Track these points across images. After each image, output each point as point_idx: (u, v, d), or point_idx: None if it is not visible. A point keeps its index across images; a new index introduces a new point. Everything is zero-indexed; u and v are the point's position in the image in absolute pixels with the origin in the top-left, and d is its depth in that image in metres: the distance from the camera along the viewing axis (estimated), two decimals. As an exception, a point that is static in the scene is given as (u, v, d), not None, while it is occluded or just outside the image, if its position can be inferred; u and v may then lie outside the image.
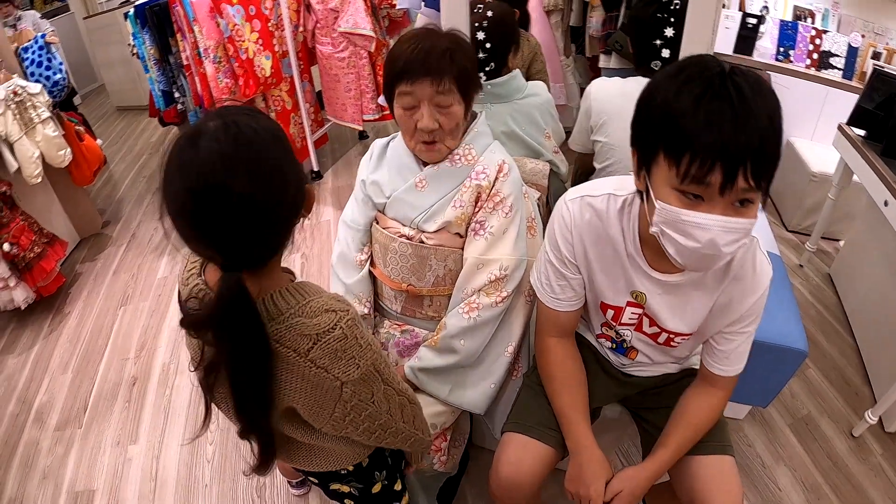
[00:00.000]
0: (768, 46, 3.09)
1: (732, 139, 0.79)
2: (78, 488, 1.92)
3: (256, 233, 0.73)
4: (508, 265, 1.28)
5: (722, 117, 0.80)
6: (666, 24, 1.55)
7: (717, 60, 0.85)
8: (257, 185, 0.70)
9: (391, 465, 1.18)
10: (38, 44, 2.84)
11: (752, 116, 0.79)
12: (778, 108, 0.82)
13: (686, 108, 0.82)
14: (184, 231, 0.73)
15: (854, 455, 1.90)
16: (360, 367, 0.83)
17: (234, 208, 0.69)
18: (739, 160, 0.80)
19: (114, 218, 3.53)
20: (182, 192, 0.69)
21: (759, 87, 0.81)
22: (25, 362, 2.49)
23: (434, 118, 1.20)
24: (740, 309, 1.06)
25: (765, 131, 0.80)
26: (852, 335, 2.39)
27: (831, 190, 2.56)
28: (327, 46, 3.21)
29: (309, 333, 0.78)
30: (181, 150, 0.70)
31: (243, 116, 0.74)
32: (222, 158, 0.69)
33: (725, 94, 0.80)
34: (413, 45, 1.18)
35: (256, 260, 0.79)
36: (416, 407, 1.04)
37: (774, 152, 0.82)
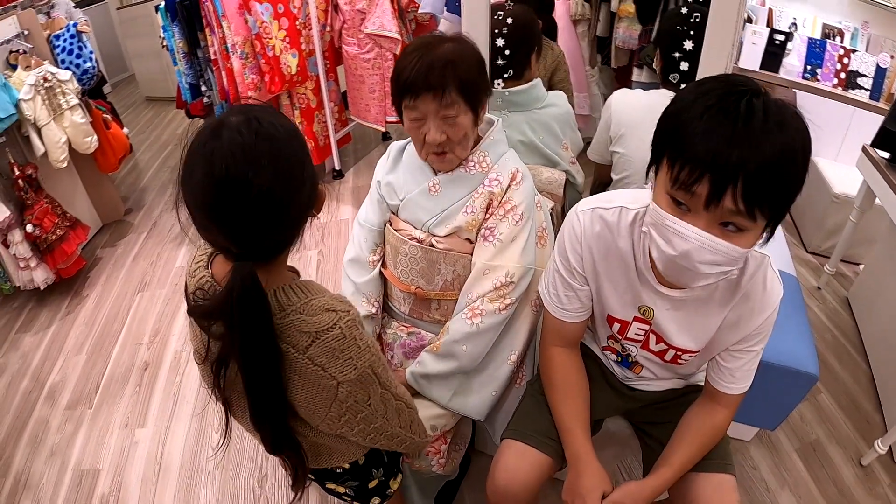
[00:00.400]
0: (795, 64, 3.05)
1: (724, 153, 0.79)
2: (84, 467, 1.96)
3: (271, 226, 0.75)
4: (515, 273, 1.28)
5: (721, 130, 0.79)
6: (685, 37, 1.54)
7: (751, 83, 0.83)
8: (277, 180, 0.72)
9: (387, 462, 1.19)
10: (70, 32, 2.90)
11: (755, 139, 0.78)
12: (798, 144, 0.79)
13: (693, 116, 0.82)
14: (201, 220, 0.75)
15: (861, 484, 1.86)
16: (358, 368, 0.84)
17: (253, 200, 0.71)
18: (729, 177, 0.79)
19: (136, 206, 3.60)
20: (203, 182, 0.71)
21: (782, 117, 0.79)
22: (41, 341, 2.54)
23: (441, 131, 1.20)
24: (749, 327, 1.05)
25: (769, 159, 0.77)
26: (867, 361, 2.34)
27: (853, 212, 2.51)
28: (353, 47, 3.24)
29: (308, 331, 0.79)
30: (204, 141, 0.72)
31: (265, 113, 0.76)
32: (244, 151, 0.70)
33: (735, 110, 0.79)
34: (415, 59, 1.17)
35: (268, 253, 0.81)
36: (414, 411, 1.05)
37: (779, 184, 0.79)
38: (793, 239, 3.17)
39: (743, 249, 0.86)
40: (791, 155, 0.78)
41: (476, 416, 1.36)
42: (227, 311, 0.75)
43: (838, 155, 3.15)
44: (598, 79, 3.15)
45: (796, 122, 0.80)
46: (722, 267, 0.88)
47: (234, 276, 0.74)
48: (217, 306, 0.77)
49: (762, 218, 0.82)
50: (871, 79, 2.99)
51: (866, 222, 2.55)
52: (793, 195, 0.82)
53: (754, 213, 0.81)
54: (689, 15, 1.55)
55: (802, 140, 0.80)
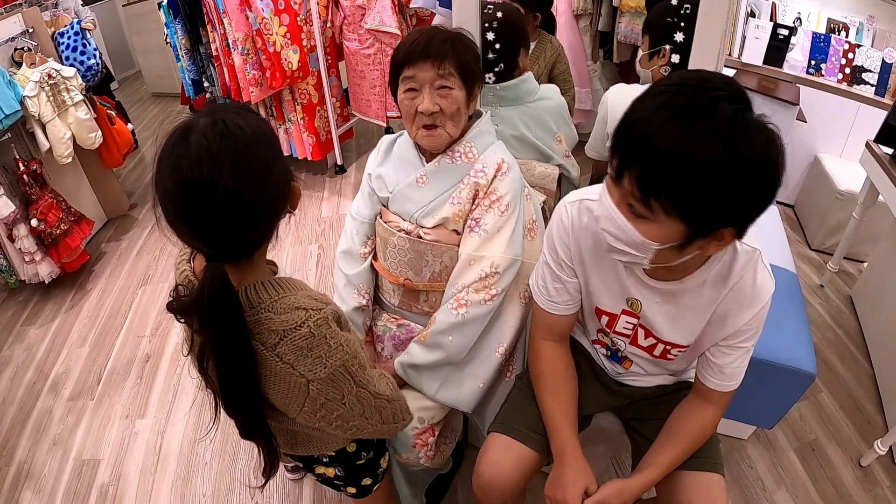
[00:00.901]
0: (799, 59, 3.02)
1: (629, 132, 0.81)
2: (85, 457, 1.98)
3: (240, 225, 0.76)
4: (500, 263, 1.28)
5: (642, 111, 0.80)
6: (676, 29, 1.53)
7: (722, 82, 0.81)
8: (242, 180, 0.73)
9: (376, 445, 1.20)
10: (74, 29, 2.93)
11: (675, 130, 0.77)
12: (750, 162, 0.77)
13: (649, 95, 0.83)
14: (172, 222, 0.76)
15: (860, 485, 1.85)
16: (328, 367, 0.84)
17: (220, 202, 0.72)
18: (630, 158, 0.81)
19: (141, 201, 3.63)
20: (171, 186, 0.73)
21: (736, 125, 0.76)
22: (46, 334, 2.58)
23: (434, 101, 1.23)
24: (738, 322, 1.03)
25: (678, 154, 0.77)
26: (869, 361, 2.32)
27: (856, 209, 2.49)
28: (354, 42, 3.25)
29: (276, 329, 0.80)
30: (172, 145, 0.74)
31: (232, 115, 0.77)
32: (209, 154, 0.72)
33: (672, 95, 0.79)
34: (416, 36, 1.24)
35: (240, 252, 0.82)
36: (397, 402, 1.04)
37: (684, 183, 0.78)
38: (796, 236, 3.15)
39: (642, 237, 0.86)
40: (727, 164, 0.76)
41: (464, 408, 1.37)
42: (199, 310, 0.77)
43: (843, 151, 3.12)
44: (601, 73, 3.14)
45: (764, 141, 0.78)
46: (625, 247, 0.90)
47: (205, 276, 0.76)
48: (190, 304, 0.79)
49: (663, 212, 0.82)
50: (877, 74, 2.96)
51: (870, 219, 2.52)
52: (715, 204, 0.79)
53: (649, 201, 0.81)
54: (680, 6, 1.54)
55: (759, 160, 0.77)
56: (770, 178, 0.79)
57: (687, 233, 0.84)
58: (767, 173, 0.79)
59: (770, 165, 0.78)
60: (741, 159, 0.76)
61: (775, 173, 0.80)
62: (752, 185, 0.79)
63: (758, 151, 0.77)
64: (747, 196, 0.80)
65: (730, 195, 0.78)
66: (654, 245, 0.87)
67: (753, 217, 0.84)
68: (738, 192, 0.78)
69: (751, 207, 0.82)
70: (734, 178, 0.77)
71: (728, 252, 0.99)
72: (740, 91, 0.81)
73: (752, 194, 0.80)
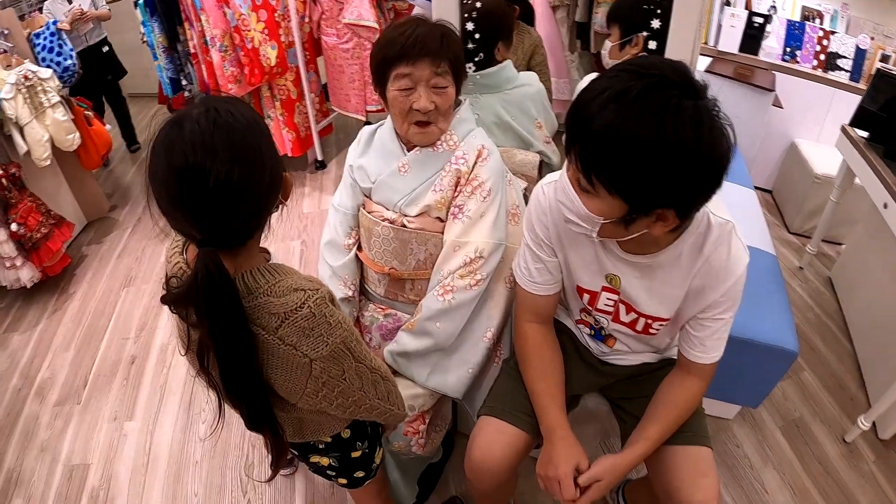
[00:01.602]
0: (774, 46, 3.07)
1: (574, 113, 0.86)
2: (74, 462, 1.96)
3: (233, 212, 0.77)
4: (484, 248, 1.29)
5: (587, 93, 0.85)
6: (653, 16, 1.55)
7: (670, 68, 0.84)
8: (234, 168, 0.73)
9: (371, 434, 1.21)
10: (50, 30, 2.89)
11: (610, 112, 0.81)
12: (687, 146, 0.80)
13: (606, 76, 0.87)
14: (166, 209, 0.77)
15: (845, 461, 1.89)
16: (329, 345, 0.85)
17: (213, 188, 0.72)
18: (573, 137, 0.87)
19: (121, 202, 3.59)
20: (165, 172, 0.73)
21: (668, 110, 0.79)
22: (30, 339, 2.54)
23: (431, 99, 1.23)
24: (715, 294, 1.06)
25: (615, 134, 0.81)
26: (850, 340, 2.37)
27: (833, 192, 2.54)
28: (332, 37, 3.24)
29: (277, 312, 0.81)
30: (167, 133, 0.75)
31: (225, 104, 0.78)
32: (203, 140, 0.72)
33: (615, 80, 0.83)
34: (408, 30, 1.21)
35: (233, 239, 0.82)
36: (390, 383, 1.06)
37: (618, 162, 0.83)
38: (775, 220, 3.20)
39: (587, 211, 0.92)
40: (655, 146, 0.79)
41: (454, 394, 1.38)
42: (194, 297, 0.77)
43: (819, 136, 3.17)
44: (578, 63, 3.15)
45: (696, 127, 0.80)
46: (575, 219, 0.96)
47: (198, 262, 0.76)
48: (184, 293, 0.79)
49: (603, 188, 0.86)
50: (851, 60, 3.02)
51: (847, 202, 2.57)
52: (647, 184, 0.83)
53: (591, 178, 0.87)
54: (656, -7, 1.56)
55: (689, 145, 0.80)
56: (704, 162, 0.82)
57: (626, 210, 0.89)
58: (700, 157, 0.81)
59: (701, 150, 0.81)
60: (669, 142, 0.79)
61: (710, 159, 0.82)
62: (683, 168, 0.81)
63: (688, 136, 0.79)
64: (679, 178, 0.83)
65: (661, 176, 0.82)
66: (599, 219, 0.92)
67: (693, 200, 0.88)
68: (668, 173, 0.82)
69: (686, 191, 0.85)
70: (664, 159, 0.80)
71: (702, 225, 1.02)
72: (685, 78, 0.83)
73: (684, 177, 0.83)
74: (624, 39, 1.66)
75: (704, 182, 0.85)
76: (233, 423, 2.01)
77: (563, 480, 1.09)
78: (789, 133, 3.23)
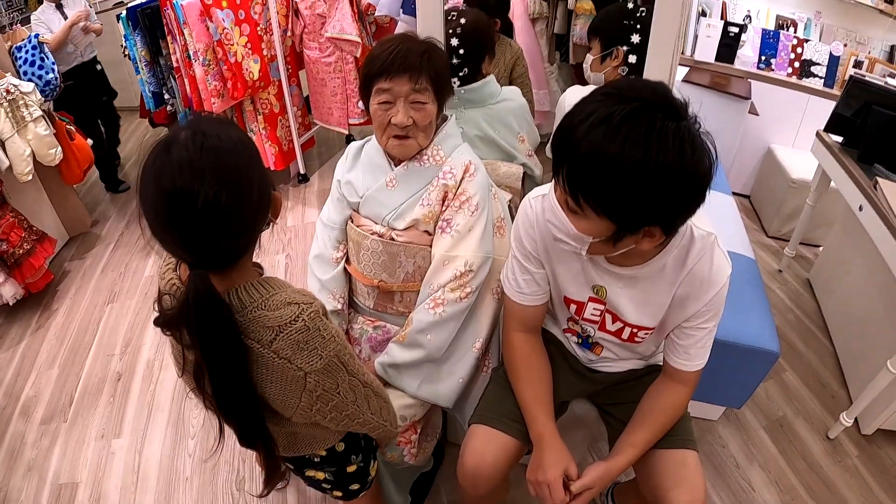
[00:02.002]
0: (750, 55, 3.14)
1: (561, 136, 0.89)
2: (62, 480, 1.94)
3: (221, 234, 0.78)
4: (473, 262, 1.31)
5: (573, 117, 0.88)
6: (633, 31, 1.59)
7: (652, 92, 0.86)
8: (221, 189, 0.74)
9: (365, 447, 1.22)
10: (32, 43, 2.87)
11: (596, 136, 0.83)
12: (677, 169, 0.82)
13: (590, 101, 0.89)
14: (156, 232, 0.78)
15: (829, 457, 1.93)
16: (323, 358, 0.86)
17: (200, 210, 0.73)
18: (561, 160, 0.90)
19: (102, 217, 3.55)
20: (154, 197, 0.75)
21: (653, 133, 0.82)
22: (13, 357, 2.51)
23: (408, 115, 1.26)
24: (699, 303, 1.09)
25: (602, 160, 0.83)
26: (830, 339, 2.42)
27: (809, 196, 2.60)
28: (314, 51, 3.26)
29: (271, 325, 0.82)
30: (156, 157, 0.76)
31: (212, 127, 0.79)
32: (190, 165, 0.73)
33: (600, 104, 0.86)
34: (393, 46, 1.24)
35: (223, 260, 0.83)
36: (382, 398, 1.07)
37: (609, 186, 0.85)
38: (753, 224, 3.26)
39: (576, 231, 0.95)
40: (641, 169, 0.82)
41: (444, 404, 1.39)
42: (185, 319, 0.79)
43: (794, 141, 3.25)
44: (558, 75, 3.20)
45: (678, 148, 0.83)
46: (565, 237, 0.99)
47: (188, 285, 0.78)
48: (175, 316, 0.80)
49: (591, 209, 0.89)
50: (825, 67, 3.10)
51: (823, 205, 2.64)
52: (634, 205, 0.86)
53: (578, 200, 0.89)
54: (636, 9, 1.60)
55: (674, 166, 0.82)
56: (688, 182, 0.85)
57: (614, 229, 0.92)
58: (684, 178, 0.84)
59: (686, 171, 0.84)
60: (655, 163, 0.82)
61: (693, 178, 0.85)
62: (669, 188, 0.85)
63: (672, 158, 0.82)
64: (665, 198, 0.86)
65: (648, 197, 0.85)
66: (588, 238, 0.95)
67: (678, 217, 0.91)
68: (655, 194, 0.85)
69: (672, 208, 0.89)
70: (650, 181, 0.83)
71: (685, 237, 1.05)
72: (667, 100, 0.86)
73: (669, 197, 0.86)
74: (604, 53, 1.69)
75: (689, 199, 0.88)
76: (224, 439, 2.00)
77: (552, 485, 1.11)
78: (766, 139, 3.30)
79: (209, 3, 2.73)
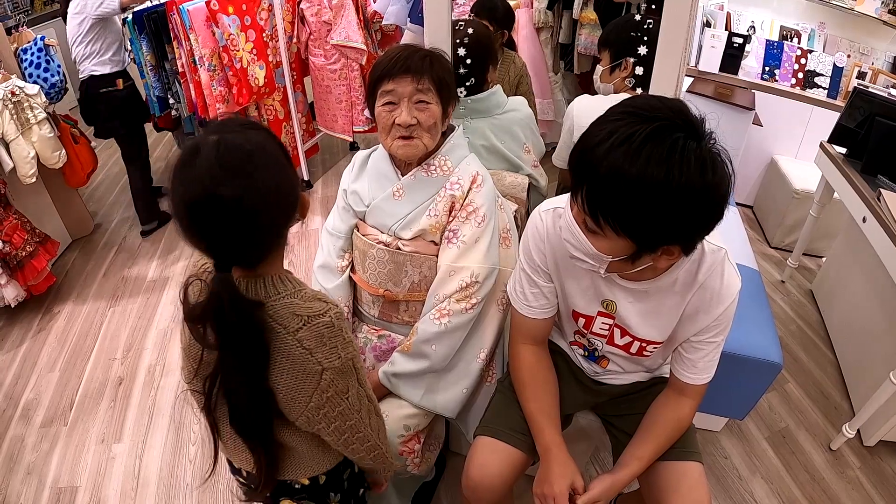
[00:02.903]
0: (754, 65, 3.15)
1: (581, 157, 0.88)
2: (61, 484, 1.93)
3: (246, 236, 0.80)
4: (479, 273, 1.31)
5: (592, 137, 0.87)
6: (640, 43, 1.60)
7: (669, 110, 0.86)
8: (245, 193, 0.76)
9: (346, 490, 1.18)
10: (37, 46, 2.88)
11: (618, 157, 0.83)
12: (696, 188, 0.82)
13: (608, 120, 0.89)
14: (185, 234, 0.80)
15: (832, 468, 1.93)
16: (342, 358, 0.88)
17: (224, 215, 0.75)
18: (580, 180, 0.89)
19: (105, 221, 3.56)
20: (180, 201, 0.77)
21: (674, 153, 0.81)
22: (14, 359, 2.50)
23: (412, 114, 1.27)
24: (708, 318, 1.09)
25: (625, 181, 0.83)
26: (832, 350, 2.42)
27: (813, 207, 2.60)
28: (320, 58, 3.27)
29: (300, 314, 0.84)
30: (182, 163, 0.78)
31: (235, 130, 0.81)
32: (210, 170, 0.75)
33: (619, 124, 0.85)
34: (396, 52, 1.28)
35: (250, 260, 0.85)
36: (381, 420, 1.08)
37: (631, 207, 0.85)
38: (756, 235, 3.26)
39: (595, 250, 0.94)
40: (664, 189, 0.82)
41: (448, 414, 1.39)
42: (210, 316, 0.81)
43: (798, 152, 3.25)
44: (562, 84, 3.21)
45: (700, 167, 0.82)
46: (583, 256, 0.98)
47: (212, 286, 0.80)
48: (202, 311, 0.82)
49: (611, 229, 0.89)
50: (829, 77, 3.10)
51: (826, 216, 2.64)
52: (656, 225, 0.86)
53: (598, 220, 0.89)
54: (643, 21, 1.61)
55: (696, 185, 0.82)
56: (708, 201, 0.85)
57: (634, 248, 0.91)
58: (705, 197, 0.84)
59: (707, 190, 0.84)
60: (678, 184, 0.82)
61: (713, 197, 0.85)
62: (690, 208, 0.84)
63: (694, 178, 0.82)
64: (686, 218, 0.86)
65: (669, 217, 0.85)
66: (607, 257, 0.95)
67: (697, 235, 0.91)
68: (676, 214, 0.84)
69: (692, 228, 0.89)
70: (672, 201, 0.83)
71: (696, 252, 1.04)
72: (686, 118, 0.86)
73: (690, 216, 0.86)
74: (613, 64, 1.70)
75: (709, 218, 0.88)
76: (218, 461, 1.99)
77: (558, 498, 1.11)
78: (769, 150, 3.31)
79: (215, 9, 2.74)
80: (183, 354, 0.97)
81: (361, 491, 1.25)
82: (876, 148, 2.14)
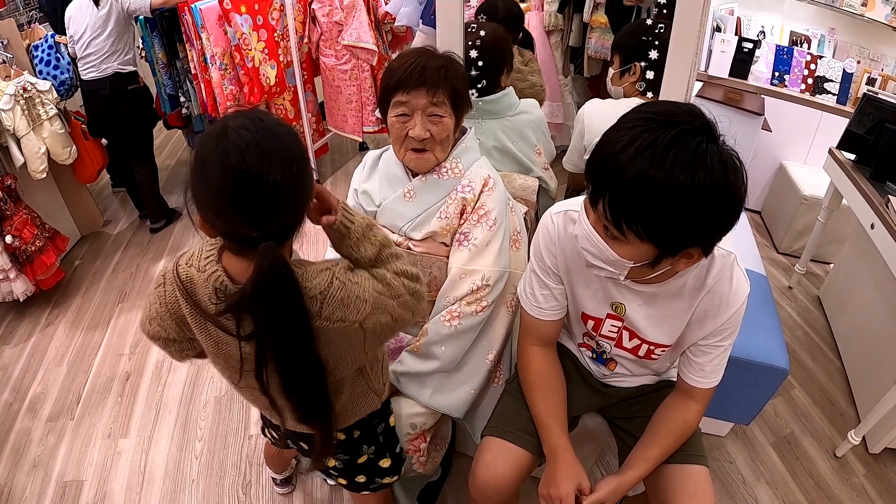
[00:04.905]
0: (763, 71, 3.14)
1: (602, 164, 0.88)
2: (67, 478, 1.94)
3: (283, 210, 0.82)
4: (490, 276, 1.32)
5: (613, 144, 0.87)
6: (651, 47, 1.60)
7: (688, 114, 0.87)
8: (285, 171, 0.79)
9: (381, 443, 1.23)
10: (48, 43, 2.90)
11: (642, 163, 0.83)
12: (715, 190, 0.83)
13: (625, 126, 0.89)
14: (219, 212, 0.80)
15: (837, 475, 1.93)
16: (368, 301, 0.90)
17: (269, 189, 0.77)
18: (602, 188, 0.89)
19: (115, 217, 3.58)
20: (221, 177, 0.77)
21: (698, 156, 0.82)
22: (21, 353, 2.52)
23: (426, 128, 1.26)
24: (717, 322, 1.09)
25: (650, 186, 0.83)
26: (839, 357, 2.41)
27: (821, 213, 2.59)
28: (331, 58, 3.28)
29: (314, 295, 0.86)
30: (214, 143, 0.79)
31: (265, 115, 0.84)
32: (257, 145, 0.78)
33: (641, 130, 0.86)
34: (411, 60, 1.25)
35: (282, 236, 0.87)
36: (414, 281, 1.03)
37: (650, 210, 0.85)
38: (764, 240, 3.26)
39: (617, 256, 0.94)
40: (690, 192, 0.83)
41: (455, 414, 1.40)
42: (260, 294, 0.81)
43: (806, 158, 3.24)
44: (572, 87, 3.22)
45: (723, 169, 0.84)
46: (602, 264, 0.98)
47: (262, 256, 0.80)
48: (248, 292, 0.82)
49: (634, 235, 0.89)
50: (838, 83, 3.09)
51: (834, 222, 2.63)
52: (681, 229, 0.87)
53: (621, 225, 0.89)
54: (654, 26, 1.62)
55: (720, 187, 0.83)
56: (730, 202, 0.86)
57: (656, 252, 0.92)
58: (728, 198, 0.85)
59: (730, 191, 0.85)
60: (703, 187, 0.82)
61: (735, 198, 0.86)
62: (714, 210, 0.86)
63: (718, 179, 0.83)
64: (710, 220, 0.87)
65: (694, 220, 0.86)
66: (629, 263, 0.95)
67: (718, 237, 0.92)
68: (701, 216, 0.85)
69: (714, 229, 0.89)
70: (697, 204, 0.84)
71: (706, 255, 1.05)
72: (704, 122, 0.87)
73: (713, 218, 0.87)
74: (623, 68, 1.70)
75: (730, 218, 0.89)
76: (229, 442, 2.01)
77: (564, 500, 1.11)
78: (778, 155, 3.30)
79: (228, 8, 2.76)
80: (215, 361, 0.97)
81: (398, 447, 1.30)
82: (885, 154, 2.14)
